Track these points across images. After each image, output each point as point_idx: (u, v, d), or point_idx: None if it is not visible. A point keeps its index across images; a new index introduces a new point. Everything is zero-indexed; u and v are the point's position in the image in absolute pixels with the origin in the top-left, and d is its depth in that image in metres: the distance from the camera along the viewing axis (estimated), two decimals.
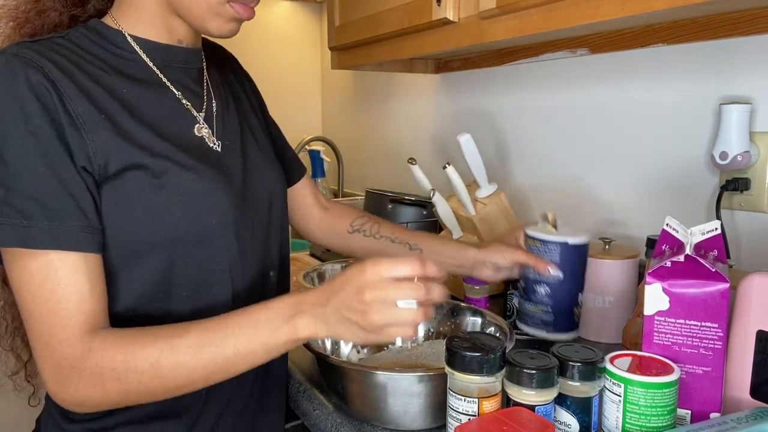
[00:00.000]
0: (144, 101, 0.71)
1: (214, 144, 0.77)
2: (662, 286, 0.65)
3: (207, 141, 0.76)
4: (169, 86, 0.75)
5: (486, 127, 1.49)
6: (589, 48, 1.18)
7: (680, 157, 1.05)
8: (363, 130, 2.12)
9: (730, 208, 0.97)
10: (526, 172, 1.39)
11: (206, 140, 0.76)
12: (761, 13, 0.89)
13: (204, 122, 0.77)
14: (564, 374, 0.63)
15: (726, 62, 0.97)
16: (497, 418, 0.55)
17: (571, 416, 0.63)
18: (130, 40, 0.73)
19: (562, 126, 1.29)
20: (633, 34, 1.09)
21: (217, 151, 0.77)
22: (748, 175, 0.94)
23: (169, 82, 0.75)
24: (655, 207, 1.10)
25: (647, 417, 0.60)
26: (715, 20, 0.95)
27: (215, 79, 0.83)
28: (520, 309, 0.91)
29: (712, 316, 0.63)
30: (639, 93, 1.11)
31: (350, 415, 0.77)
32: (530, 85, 1.36)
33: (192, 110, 0.76)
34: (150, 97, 0.72)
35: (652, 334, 0.66)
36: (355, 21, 1.41)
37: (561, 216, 1.29)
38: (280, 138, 0.98)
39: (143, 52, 0.74)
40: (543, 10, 0.90)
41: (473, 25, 1.05)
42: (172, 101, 0.74)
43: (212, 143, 0.76)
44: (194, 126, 0.75)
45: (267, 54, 2.24)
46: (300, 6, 2.29)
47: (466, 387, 0.60)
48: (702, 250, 0.67)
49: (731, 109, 0.91)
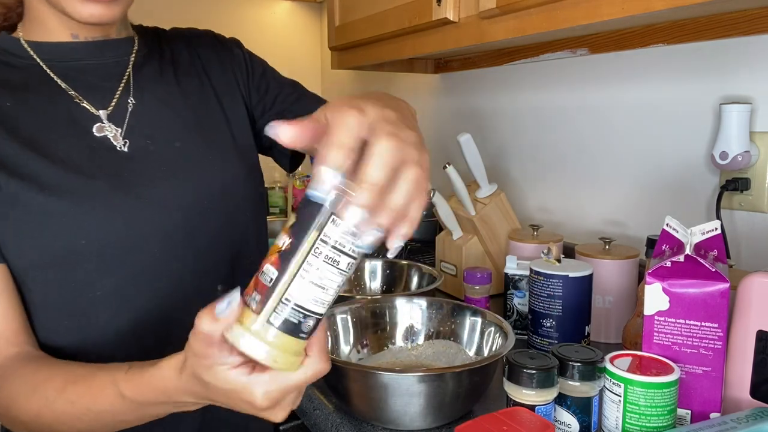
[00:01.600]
0: (29, 112, 0.67)
1: (119, 144, 0.70)
2: (662, 286, 0.65)
3: (111, 140, 0.69)
4: (63, 88, 0.70)
5: (486, 127, 1.49)
6: (589, 48, 1.18)
7: (680, 157, 1.05)
8: None
9: (730, 208, 0.97)
10: (526, 173, 1.39)
11: (110, 140, 0.69)
12: (761, 13, 0.89)
13: (108, 120, 0.70)
14: (564, 374, 0.63)
15: (726, 62, 0.97)
16: (497, 418, 0.55)
17: (571, 416, 0.63)
18: (25, 45, 0.70)
19: (562, 126, 1.29)
20: (633, 34, 1.09)
21: (121, 151, 0.70)
22: (748, 175, 0.94)
23: (65, 82, 0.70)
24: (655, 207, 1.10)
25: (647, 417, 0.60)
26: (715, 20, 0.95)
27: (153, 68, 0.76)
28: (530, 342, 0.92)
29: (712, 316, 0.63)
30: (639, 93, 1.11)
31: (350, 415, 0.77)
32: (530, 85, 1.36)
33: (91, 109, 0.70)
34: (36, 106, 0.68)
35: (652, 334, 0.66)
36: (355, 21, 1.41)
37: (561, 216, 1.29)
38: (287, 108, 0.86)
39: (37, 55, 0.70)
40: (543, 10, 0.90)
41: (473, 25, 1.05)
42: (65, 104, 0.69)
43: (117, 143, 0.70)
44: (93, 126, 0.69)
45: (267, 54, 2.22)
46: (300, 6, 2.29)
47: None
48: (702, 250, 0.67)
49: (731, 109, 0.91)
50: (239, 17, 2.17)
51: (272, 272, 0.42)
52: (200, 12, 2.09)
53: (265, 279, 0.42)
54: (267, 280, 0.42)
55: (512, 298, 1.02)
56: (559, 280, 0.86)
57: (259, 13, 2.22)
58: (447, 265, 1.24)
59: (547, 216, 1.34)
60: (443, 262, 1.26)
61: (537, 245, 1.07)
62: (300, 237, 0.42)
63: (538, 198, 1.36)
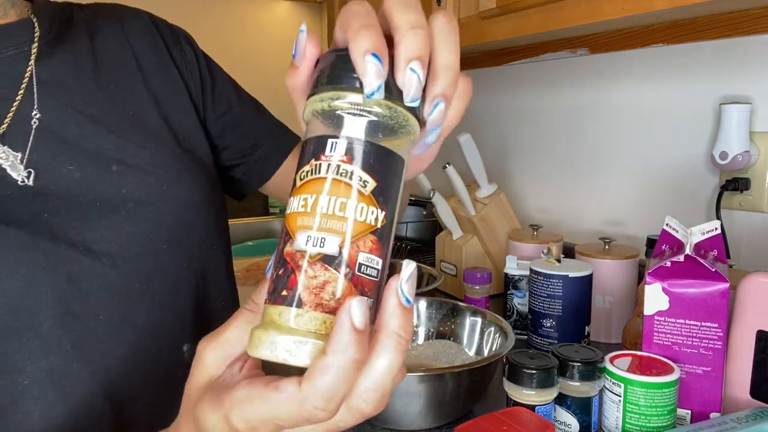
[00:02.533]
0: None
1: (20, 175, 0.50)
2: (662, 286, 0.65)
3: (9, 171, 0.50)
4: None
5: (486, 127, 1.49)
6: (589, 48, 1.18)
7: (680, 157, 1.05)
8: None
9: (730, 208, 0.97)
10: (526, 172, 1.39)
11: (7, 170, 0.50)
12: (761, 13, 0.89)
13: (4, 142, 0.51)
14: (564, 374, 0.63)
15: (726, 62, 0.97)
16: (497, 418, 0.55)
17: (571, 416, 0.63)
18: None
19: (562, 126, 1.29)
20: (633, 34, 1.09)
21: (26, 185, 0.50)
22: (748, 175, 0.94)
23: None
24: (655, 207, 1.10)
25: (647, 417, 0.60)
26: (715, 20, 0.95)
27: (65, 63, 0.56)
28: (530, 342, 0.92)
29: (712, 316, 0.63)
30: (639, 93, 1.11)
31: None
32: (530, 85, 1.36)
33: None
34: None
35: (652, 334, 0.66)
36: None
37: (561, 216, 1.29)
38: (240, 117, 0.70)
39: None
40: (543, 10, 0.90)
41: (473, 25, 1.05)
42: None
43: (17, 174, 0.50)
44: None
45: (267, 54, 2.24)
46: (300, 6, 2.29)
47: None
48: (702, 250, 0.67)
49: (731, 109, 0.91)
50: (239, 17, 2.18)
51: (376, 261, 0.30)
52: (200, 12, 2.09)
53: (371, 273, 0.30)
54: (373, 273, 0.30)
55: (512, 298, 1.02)
56: (559, 280, 0.86)
57: (259, 13, 2.22)
58: (447, 265, 1.24)
59: (547, 216, 1.34)
60: (443, 262, 1.26)
61: (537, 245, 1.07)
62: (391, 205, 0.31)
63: (537, 198, 1.36)
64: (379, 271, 0.30)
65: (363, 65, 0.28)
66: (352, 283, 0.29)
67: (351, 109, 0.30)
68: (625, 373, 0.61)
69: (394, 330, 0.28)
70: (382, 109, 0.30)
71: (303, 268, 0.29)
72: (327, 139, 0.30)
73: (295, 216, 0.30)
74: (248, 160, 0.72)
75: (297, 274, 0.29)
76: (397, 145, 0.31)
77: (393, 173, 0.30)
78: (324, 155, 0.30)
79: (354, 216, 0.29)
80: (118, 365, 0.52)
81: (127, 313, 0.53)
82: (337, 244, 0.29)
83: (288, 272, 0.29)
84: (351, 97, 0.30)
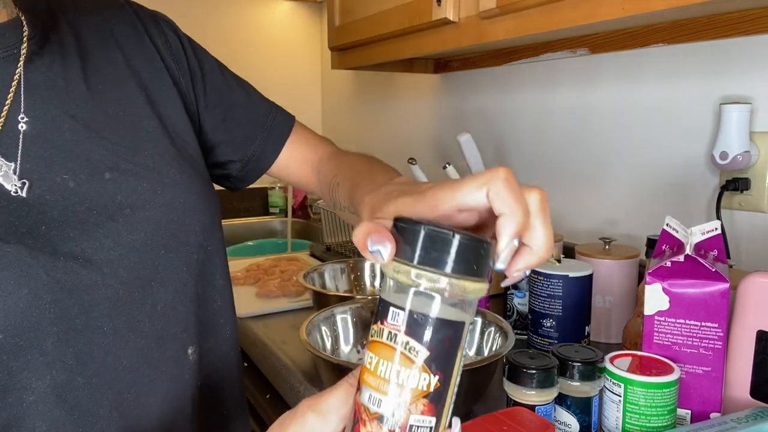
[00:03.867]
0: None
1: (14, 186, 0.48)
2: (662, 286, 0.65)
3: (1, 182, 0.48)
4: None
5: (486, 127, 1.49)
6: (589, 48, 1.18)
7: (680, 157, 1.05)
8: (363, 130, 2.12)
9: (730, 208, 0.97)
10: (526, 172, 1.39)
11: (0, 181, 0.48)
12: (761, 13, 0.89)
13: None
14: (564, 374, 0.63)
15: (726, 62, 0.97)
16: (497, 418, 0.55)
17: (571, 416, 0.63)
18: None
19: (561, 126, 1.29)
20: (633, 34, 1.09)
21: (19, 197, 0.48)
22: (748, 175, 0.94)
23: None
24: (655, 207, 1.10)
25: (647, 417, 0.60)
26: (715, 20, 0.95)
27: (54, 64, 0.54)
28: (530, 342, 0.92)
29: (712, 316, 0.63)
30: (639, 93, 1.11)
31: None
32: (530, 85, 1.36)
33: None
34: None
35: (652, 334, 0.66)
36: (355, 21, 1.41)
37: (561, 216, 1.29)
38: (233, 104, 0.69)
39: None
40: (543, 10, 0.90)
41: (473, 25, 1.05)
42: None
43: (10, 184, 0.48)
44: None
45: (267, 54, 2.24)
46: (300, 6, 2.29)
47: None
48: (702, 250, 0.67)
49: (731, 109, 0.91)
50: (239, 17, 2.18)
51: (428, 421, 0.33)
52: (199, 12, 2.09)
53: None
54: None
55: (512, 298, 1.02)
56: (559, 280, 0.86)
57: (259, 13, 2.22)
58: None
59: None
60: None
61: None
62: (448, 370, 0.33)
63: None
64: (432, 428, 0.33)
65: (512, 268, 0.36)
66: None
67: (426, 288, 0.32)
68: (625, 373, 0.61)
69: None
70: (456, 290, 0.32)
71: (365, 420, 0.33)
72: (390, 308, 0.33)
73: (364, 370, 0.34)
74: (243, 156, 0.71)
75: (360, 426, 0.33)
76: (461, 314, 0.33)
77: (451, 341, 0.33)
78: (387, 322, 0.33)
79: (407, 383, 0.32)
80: (124, 375, 0.52)
81: (130, 322, 0.52)
82: (392, 408, 0.32)
83: (356, 420, 0.34)
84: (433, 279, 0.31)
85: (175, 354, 0.56)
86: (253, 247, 1.94)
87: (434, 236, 0.31)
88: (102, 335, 0.50)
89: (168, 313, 0.55)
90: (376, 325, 0.33)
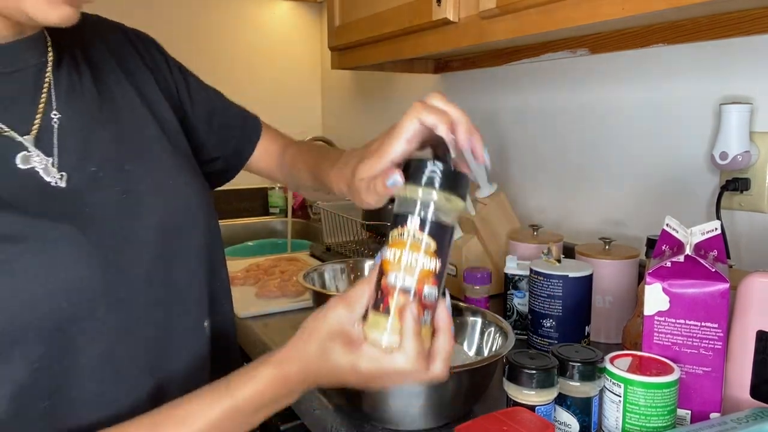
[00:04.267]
0: None
1: (54, 178, 0.55)
2: (662, 286, 0.65)
3: (42, 175, 0.55)
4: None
5: (486, 127, 1.49)
6: (589, 48, 1.18)
7: (680, 157, 1.05)
8: (363, 130, 2.12)
9: (730, 208, 0.97)
10: (527, 172, 1.39)
11: (40, 174, 0.55)
12: (762, 13, 0.89)
13: (35, 147, 0.55)
14: (564, 374, 0.63)
15: (726, 62, 0.97)
16: (497, 418, 0.55)
17: (571, 416, 0.63)
18: None
19: (562, 126, 1.29)
20: (633, 34, 1.09)
21: (58, 187, 0.55)
22: (748, 175, 0.94)
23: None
24: (655, 207, 1.10)
25: (647, 417, 0.60)
26: (715, 20, 0.95)
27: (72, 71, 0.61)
28: (530, 343, 0.92)
29: (712, 316, 0.63)
30: (639, 93, 1.11)
31: (350, 415, 0.77)
32: (530, 85, 1.36)
33: (12, 134, 0.54)
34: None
35: (652, 334, 0.66)
36: (355, 21, 1.41)
37: (561, 216, 1.29)
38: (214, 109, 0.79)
39: None
40: (543, 10, 0.90)
41: (473, 25, 1.05)
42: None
43: (51, 176, 0.55)
44: (16, 156, 0.54)
45: (267, 54, 2.24)
46: (300, 6, 2.29)
47: None
48: (702, 250, 0.67)
49: (731, 109, 0.91)
50: (239, 17, 2.18)
51: (434, 290, 0.50)
52: (199, 12, 2.09)
53: (431, 298, 0.49)
54: (432, 298, 0.50)
55: (512, 298, 1.02)
56: (559, 280, 0.86)
57: (259, 13, 2.22)
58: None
59: (546, 216, 1.34)
60: None
61: (537, 245, 1.07)
62: (445, 258, 0.50)
63: (538, 198, 1.36)
64: (436, 296, 0.50)
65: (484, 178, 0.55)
66: (420, 305, 0.49)
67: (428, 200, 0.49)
68: (625, 374, 0.61)
69: (444, 322, 0.51)
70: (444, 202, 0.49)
71: (393, 294, 0.49)
72: (409, 216, 0.49)
73: (388, 262, 0.49)
74: (224, 153, 0.82)
75: (389, 298, 0.49)
76: (451, 219, 0.50)
77: (448, 238, 0.50)
78: (406, 226, 0.49)
79: (424, 266, 0.49)
80: (155, 344, 0.60)
81: (156, 298, 0.60)
82: (414, 282, 0.49)
83: (379, 299, 0.49)
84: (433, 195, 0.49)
85: (194, 325, 0.65)
86: (253, 248, 1.94)
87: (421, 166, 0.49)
88: (139, 307, 0.58)
89: (186, 288, 0.64)
90: (397, 229, 0.49)
